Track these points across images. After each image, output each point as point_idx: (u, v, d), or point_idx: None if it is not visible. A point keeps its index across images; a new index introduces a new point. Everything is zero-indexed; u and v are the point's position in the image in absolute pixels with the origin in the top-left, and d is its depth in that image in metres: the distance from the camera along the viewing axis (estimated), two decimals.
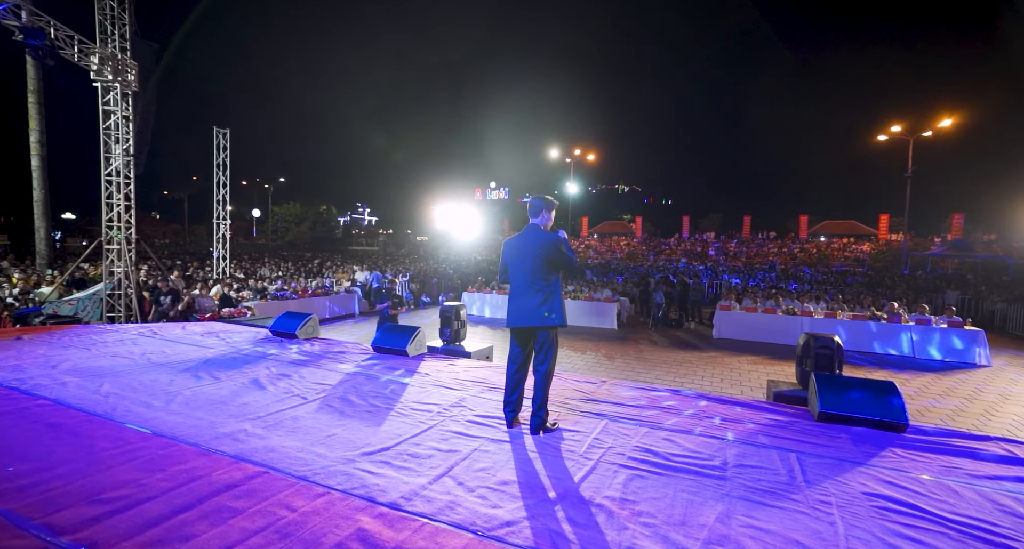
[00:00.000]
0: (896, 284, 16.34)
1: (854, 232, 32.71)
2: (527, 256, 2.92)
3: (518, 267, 2.94)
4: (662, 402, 3.54)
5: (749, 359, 8.39)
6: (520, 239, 3.00)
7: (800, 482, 2.30)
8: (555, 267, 2.93)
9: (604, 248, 40.21)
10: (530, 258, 2.91)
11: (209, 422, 2.92)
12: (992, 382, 7.45)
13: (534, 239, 2.93)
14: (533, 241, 2.92)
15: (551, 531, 1.83)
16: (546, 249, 2.89)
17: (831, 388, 3.16)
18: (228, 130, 15.52)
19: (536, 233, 2.97)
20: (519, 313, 2.91)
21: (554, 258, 2.88)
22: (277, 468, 2.30)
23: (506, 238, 3.17)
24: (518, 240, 3.01)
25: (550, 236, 2.92)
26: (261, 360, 4.60)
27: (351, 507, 1.96)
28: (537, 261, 2.89)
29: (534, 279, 2.89)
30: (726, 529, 1.87)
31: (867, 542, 1.82)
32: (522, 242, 2.97)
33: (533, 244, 2.91)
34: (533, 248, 2.91)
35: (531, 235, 2.97)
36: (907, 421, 2.96)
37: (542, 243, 2.88)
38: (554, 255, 2.87)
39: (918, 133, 21.42)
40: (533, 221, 3.06)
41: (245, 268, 18.45)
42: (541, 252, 2.89)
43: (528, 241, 2.93)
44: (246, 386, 3.74)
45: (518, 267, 2.94)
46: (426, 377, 4.11)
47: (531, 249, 2.91)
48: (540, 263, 2.88)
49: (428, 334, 5.38)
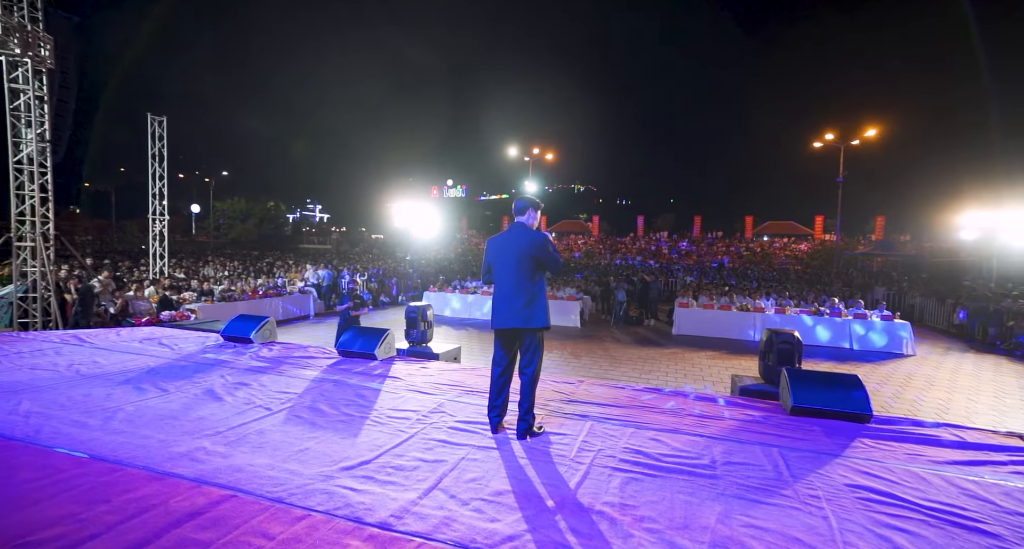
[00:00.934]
0: (832, 281, 17.55)
1: (793, 232, 34.96)
2: (513, 255, 2.82)
3: (504, 267, 2.84)
4: (642, 400, 3.55)
5: (708, 354, 8.70)
6: (506, 238, 2.90)
7: (787, 477, 2.34)
8: (541, 267, 2.85)
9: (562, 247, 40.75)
10: (516, 257, 2.81)
11: (160, 441, 2.62)
12: (919, 369, 8.12)
13: (521, 238, 2.83)
14: (520, 240, 2.82)
15: (556, 543, 1.75)
16: (533, 248, 2.80)
17: (802, 383, 3.28)
18: (165, 118, 14.36)
19: (523, 232, 2.88)
20: (504, 314, 2.81)
21: (541, 257, 2.80)
22: (246, 490, 2.08)
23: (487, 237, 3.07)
24: (503, 239, 2.91)
25: (537, 235, 2.84)
26: (214, 368, 4.23)
27: (337, 530, 1.80)
28: (524, 260, 2.80)
29: (520, 279, 2.80)
30: (728, 530, 1.86)
31: (860, 535, 1.87)
32: (508, 241, 2.86)
33: (520, 243, 2.81)
34: (520, 247, 2.81)
35: (517, 234, 2.87)
36: (871, 412, 3.12)
37: (529, 242, 2.80)
38: (541, 254, 2.79)
39: (848, 142, 23.12)
40: (519, 220, 2.96)
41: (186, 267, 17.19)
42: (528, 251, 2.80)
43: (514, 240, 2.83)
44: (200, 398, 3.41)
45: (504, 267, 2.84)
46: (399, 382, 3.92)
47: (517, 248, 2.82)
48: (527, 263, 2.79)
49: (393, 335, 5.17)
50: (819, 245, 30.45)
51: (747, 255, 29.70)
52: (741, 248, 31.56)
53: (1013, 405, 6.32)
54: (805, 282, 17.41)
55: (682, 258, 31.84)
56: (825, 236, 32.43)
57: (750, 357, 8.56)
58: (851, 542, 1.81)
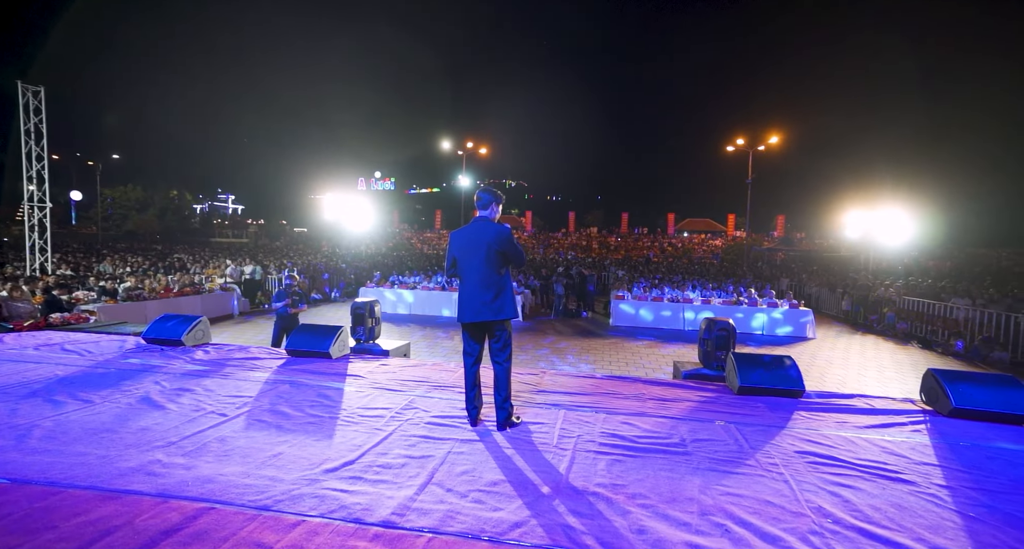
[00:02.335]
0: (745, 274, 19.35)
1: (710, 229, 38.04)
2: (480, 249, 2.83)
3: (470, 261, 2.84)
4: (605, 388, 3.73)
5: (645, 343, 9.26)
6: (471, 232, 2.88)
7: (747, 449, 2.60)
8: (507, 260, 2.89)
9: None
10: (484, 251, 2.82)
11: (100, 456, 2.33)
12: (820, 350, 9.25)
13: (486, 232, 2.84)
14: (486, 234, 2.83)
15: (562, 526, 1.82)
16: (500, 242, 2.83)
17: (747, 365, 3.63)
18: (42, 89, 12.36)
19: (488, 226, 2.89)
20: (474, 308, 2.82)
21: (507, 251, 2.84)
22: (224, 500, 1.93)
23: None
24: (469, 233, 2.89)
25: (503, 229, 2.88)
26: (144, 374, 3.81)
27: (338, 533, 1.73)
28: (491, 254, 2.82)
29: (488, 273, 2.82)
30: (711, 500, 2.04)
31: (816, 493, 2.14)
32: (474, 235, 2.86)
33: (487, 237, 2.83)
34: (487, 242, 2.82)
35: (483, 228, 2.87)
36: (804, 388, 3.53)
37: (495, 236, 2.82)
38: (507, 248, 2.83)
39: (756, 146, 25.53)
40: (482, 213, 2.95)
41: (75, 263, 15.09)
42: (496, 245, 2.82)
43: (480, 234, 2.83)
44: (135, 407, 3.06)
45: (470, 261, 2.84)
46: (362, 380, 3.78)
47: (484, 243, 2.82)
48: (494, 256, 2.82)
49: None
50: (732, 241, 33.41)
51: (670, 250, 31.81)
52: (664, 243, 33.73)
53: (891, 377, 7.42)
54: (722, 274, 19.03)
55: (611, 253, 33.38)
56: (737, 232, 35.63)
57: (682, 344, 9.24)
58: (811, 500, 2.07)
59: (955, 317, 10.03)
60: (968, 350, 8.81)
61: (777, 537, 1.77)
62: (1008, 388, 3.26)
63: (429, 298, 12.82)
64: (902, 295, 11.60)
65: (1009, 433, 2.99)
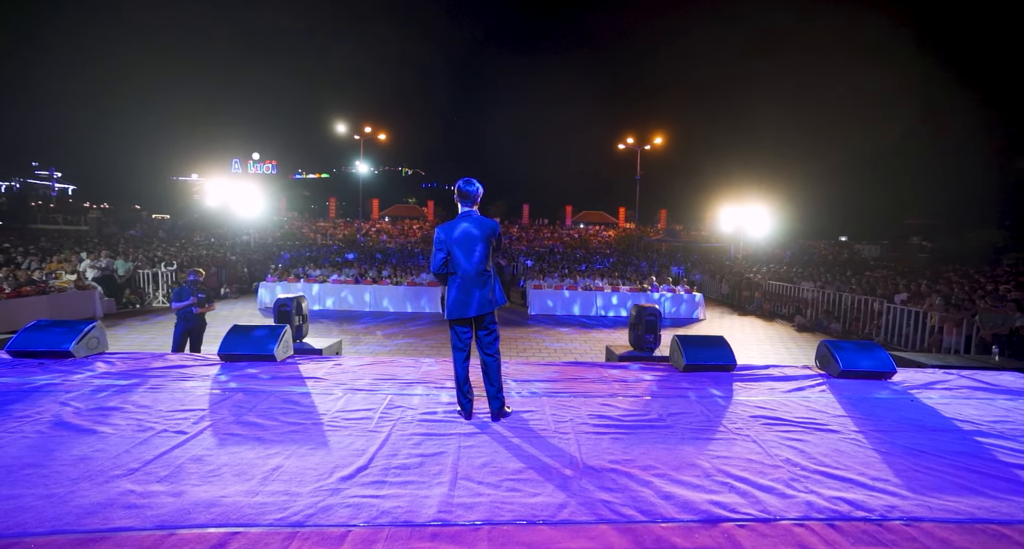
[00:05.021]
0: (637, 263, 21.26)
1: (603, 221, 40.92)
2: (477, 243, 2.86)
3: (467, 255, 2.85)
4: (570, 373, 3.96)
5: (567, 330, 9.81)
6: (465, 226, 2.88)
7: (713, 418, 3.00)
8: (494, 252, 2.98)
9: (397, 232, 39.60)
10: (481, 245, 2.86)
11: (42, 496, 1.93)
12: (711, 329, 10.65)
13: (481, 226, 2.88)
14: (480, 228, 2.87)
15: (600, 501, 1.97)
16: (493, 236, 2.90)
17: (690, 346, 4.12)
18: None
19: (482, 220, 2.92)
20: (476, 302, 2.84)
21: (497, 244, 2.93)
22: (246, 523, 1.75)
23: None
24: (464, 227, 2.88)
25: (494, 223, 2.95)
26: (35, 395, 3.14)
27: (395, 538, 1.68)
28: (487, 248, 2.88)
29: (484, 267, 2.87)
30: (708, 463, 2.36)
31: (778, 446, 2.58)
32: (469, 229, 2.86)
33: (482, 231, 2.86)
34: (482, 236, 2.86)
35: (478, 222, 2.90)
36: (735, 362, 4.12)
37: (489, 230, 2.88)
38: (497, 242, 2.92)
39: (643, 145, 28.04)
40: (469, 207, 2.95)
41: None
42: (490, 239, 2.89)
43: (476, 228, 2.86)
44: (50, 435, 2.54)
45: (467, 255, 2.85)
46: (323, 382, 3.54)
47: (481, 236, 2.86)
48: (488, 250, 2.89)
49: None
50: (623, 232, 36.35)
51: (568, 241, 33.62)
52: (564, 234, 35.54)
53: (768, 349, 8.84)
54: (620, 264, 20.70)
55: (513, 244, 34.28)
56: (627, 225, 38.83)
57: (601, 329, 9.96)
58: (778, 454, 2.49)
59: (804, 297, 12.20)
60: (814, 323, 10.83)
61: (770, 487, 2.13)
62: (875, 352, 4.15)
63: (340, 292, 12.09)
64: (767, 280, 13.75)
65: (879, 386, 3.84)
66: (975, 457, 2.53)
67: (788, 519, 1.86)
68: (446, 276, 2.92)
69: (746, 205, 18.92)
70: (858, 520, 1.87)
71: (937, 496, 2.09)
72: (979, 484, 2.22)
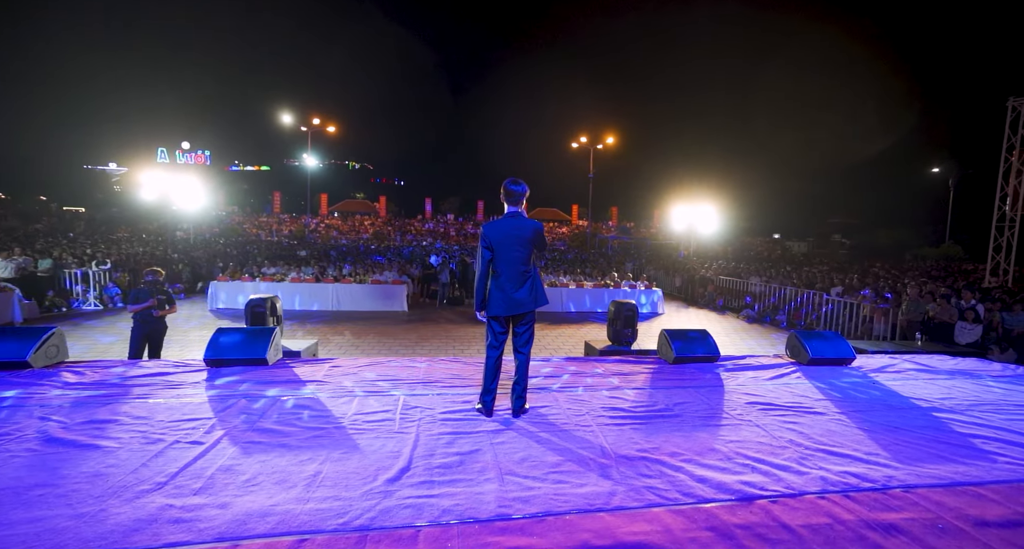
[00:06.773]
0: (596, 259, 21.90)
1: (557, 218, 41.66)
2: (522, 244, 2.92)
3: (511, 255, 2.90)
4: (569, 368, 4.09)
5: (540, 325, 9.98)
6: (512, 227, 2.92)
7: (714, 406, 3.23)
8: (537, 253, 3.06)
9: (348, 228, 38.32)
10: (526, 246, 2.93)
11: (71, 516, 1.79)
12: (670, 323, 11.21)
13: (526, 227, 2.93)
14: (526, 229, 2.92)
15: (644, 487, 2.10)
16: (537, 237, 2.97)
17: (678, 340, 4.37)
18: None
19: (527, 221, 2.99)
20: (521, 300, 2.91)
21: (540, 245, 2.99)
22: (310, 530, 1.72)
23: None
24: (510, 228, 2.92)
25: (538, 224, 3.01)
26: (2, 413, 2.84)
27: (466, 534, 1.72)
28: (530, 248, 2.95)
29: (526, 267, 2.94)
30: (725, 447, 2.55)
31: (778, 429, 2.83)
32: (515, 230, 2.91)
33: (526, 232, 2.92)
34: (527, 236, 2.92)
35: (523, 223, 2.95)
36: (719, 354, 4.42)
37: (533, 231, 2.94)
38: (541, 243, 2.98)
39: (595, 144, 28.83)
40: (516, 208, 2.99)
41: None
42: (534, 240, 2.95)
43: (521, 229, 2.91)
44: (46, 453, 2.34)
45: (511, 255, 2.90)
46: (325, 385, 3.45)
47: (526, 238, 2.92)
48: (530, 250, 2.95)
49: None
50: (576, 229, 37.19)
51: None
52: None
53: (722, 342, 9.45)
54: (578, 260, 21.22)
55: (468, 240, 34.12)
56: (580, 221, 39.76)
57: (568, 324, 10.22)
58: (782, 436, 2.74)
59: (752, 290, 13.11)
60: (761, 315, 11.68)
61: (785, 465, 2.35)
62: (837, 341, 4.59)
63: (299, 291, 11.59)
64: (717, 275, 14.63)
65: (843, 372, 4.26)
66: (938, 430, 2.90)
67: (811, 493, 2.08)
68: (487, 273, 2.95)
69: (696, 204, 19.97)
70: (867, 490, 2.12)
71: (921, 465, 2.39)
72: (948, 453, 2.56)
